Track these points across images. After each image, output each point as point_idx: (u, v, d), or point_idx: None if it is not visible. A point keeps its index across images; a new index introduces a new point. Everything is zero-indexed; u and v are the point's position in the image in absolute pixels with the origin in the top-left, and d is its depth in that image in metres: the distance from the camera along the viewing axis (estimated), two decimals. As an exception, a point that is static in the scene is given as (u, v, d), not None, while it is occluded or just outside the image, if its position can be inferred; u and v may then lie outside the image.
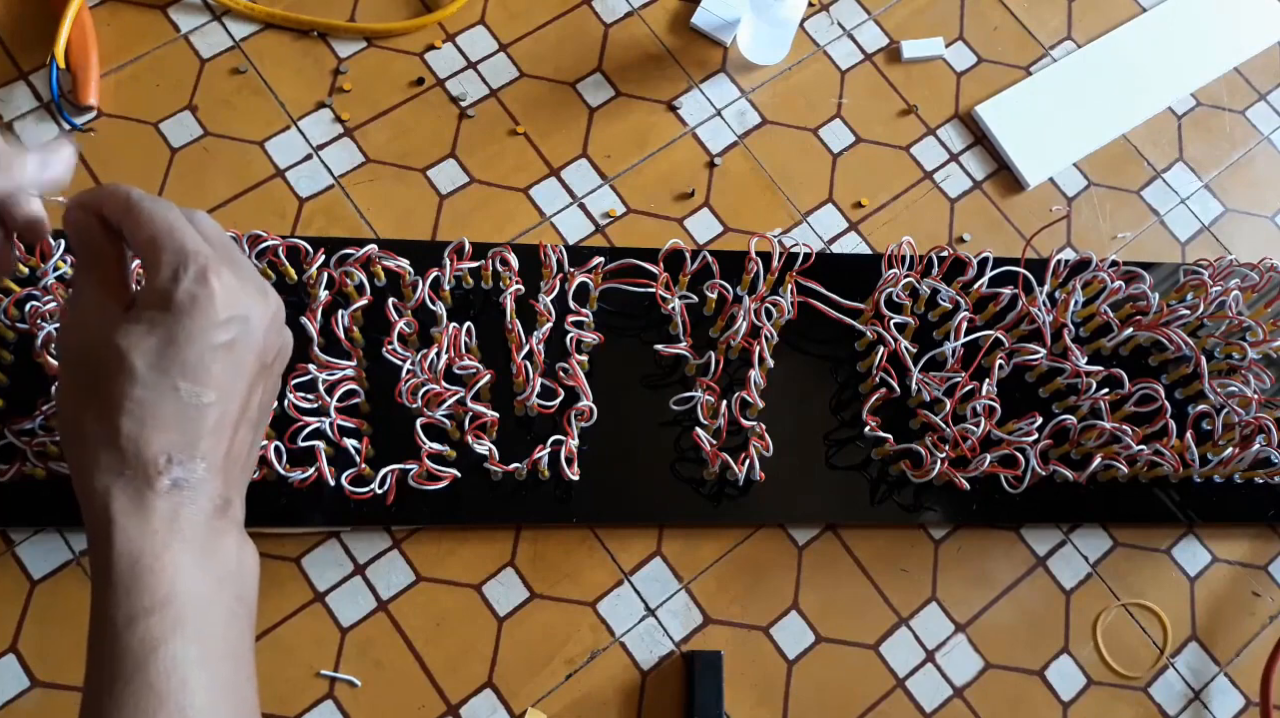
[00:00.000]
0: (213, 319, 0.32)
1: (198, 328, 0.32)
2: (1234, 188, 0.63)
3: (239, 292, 0.33)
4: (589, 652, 0.49)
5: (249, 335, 0.33)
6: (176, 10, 0.59)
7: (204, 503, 0.32)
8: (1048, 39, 0.66)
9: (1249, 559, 0.55)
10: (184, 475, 0.32)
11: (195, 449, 0.32)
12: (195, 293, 0.32)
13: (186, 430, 0.32)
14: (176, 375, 0.32)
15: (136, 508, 0.31)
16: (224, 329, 0.33)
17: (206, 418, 0.32)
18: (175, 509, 0.32)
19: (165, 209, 0.34)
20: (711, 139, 0.60)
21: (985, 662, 0.51)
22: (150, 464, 0.31)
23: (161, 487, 0.31)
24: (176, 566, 0.31)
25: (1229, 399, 0.53)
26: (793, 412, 0.53)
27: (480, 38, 0.61)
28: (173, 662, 0.30)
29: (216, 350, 0.33)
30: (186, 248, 0.33)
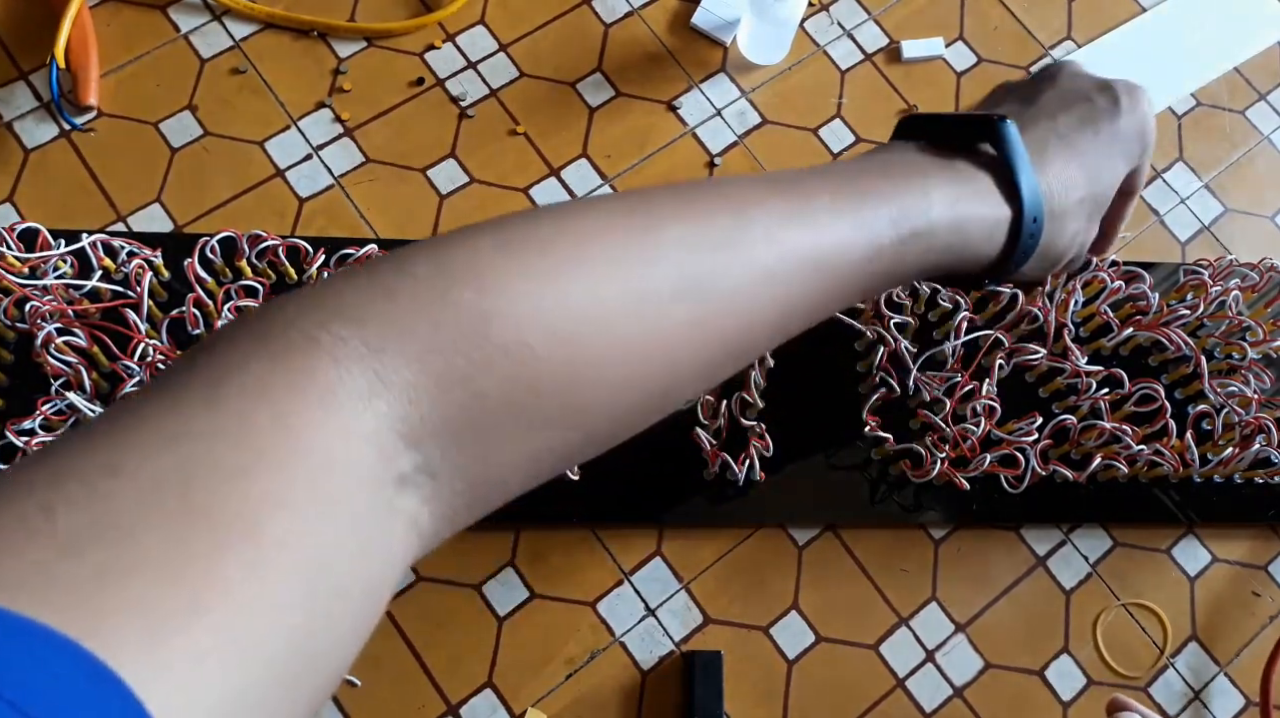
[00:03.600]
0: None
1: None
2: (1234, 188, 0.63)
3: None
4: (589, 652, 0.49)
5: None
6: (176, 10, 0.59)
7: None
8: (1048, 39, 0.66)
9: (1249, 559, 0.55)
10: None
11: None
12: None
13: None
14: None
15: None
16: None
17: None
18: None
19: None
20: (711, 139, 0.60)
21: (985, 662, 0.51)
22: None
23: None
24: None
25: (1229, 399, 0.53)
26: (793, 412, 0.53)
27: (480, 38, 0.61)
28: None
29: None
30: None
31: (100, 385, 0.48)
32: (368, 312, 0.24)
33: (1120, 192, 0.40)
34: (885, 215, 0.33)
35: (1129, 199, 0.41)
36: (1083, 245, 0.40)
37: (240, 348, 0.23)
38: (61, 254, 0.50)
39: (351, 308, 0.25)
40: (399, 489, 0.24)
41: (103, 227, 0.54)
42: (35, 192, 0.55)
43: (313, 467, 0.22)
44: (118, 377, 0.48)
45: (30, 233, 0.50)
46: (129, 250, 0.51)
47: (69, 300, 0.49)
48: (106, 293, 0.50)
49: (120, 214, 0.55)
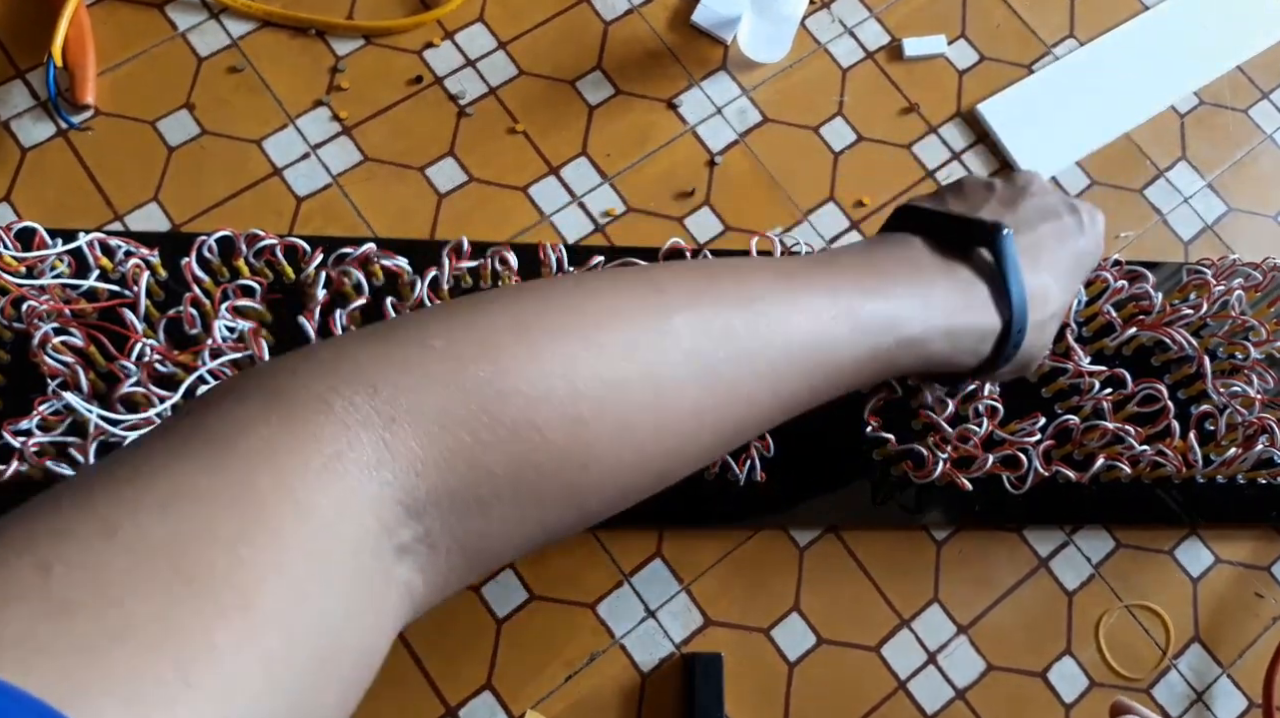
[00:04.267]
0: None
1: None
2: (1237, 187, 0.63)
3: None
4: (588, 654, 0.49)
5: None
6: (174, 8, 0.59)
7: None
8: (1050, 37, 0.65)
9: (1252, 560, 0.55)
10: None
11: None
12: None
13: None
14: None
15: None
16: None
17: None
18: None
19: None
20: (712, 137, 0.60)
21: (987, 663, 0.51)
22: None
23: None
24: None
25: (1232, 399, 0.53)
26: (793, 412, 0.53)
27: (479, 36, 0.61)
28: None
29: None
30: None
31: (97, 385, 0.48)
32: (381, 380, 0.25)
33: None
34: (885, 322, 0.34)
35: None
36: (1045, 354, 0.42)
37: (249, 407, 0.23)
38: (58, 253, 0.50)
39: (366, 374, 0.25)
40: (397, 558, 0.24)
41: (100, 226, 0.54)
42: (32, 191, 0.55)
43: (312, 534, 0.22)
44: (115, 377, 0.48)
45: (27, 232, 0.50)
46: (126, 250, 0.50)
47: (66, 300, 0.49)
48: (104, 292, 0.50)
49: (117, 213, 0.55)
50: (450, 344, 0.26)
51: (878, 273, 0.36)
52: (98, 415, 0.46)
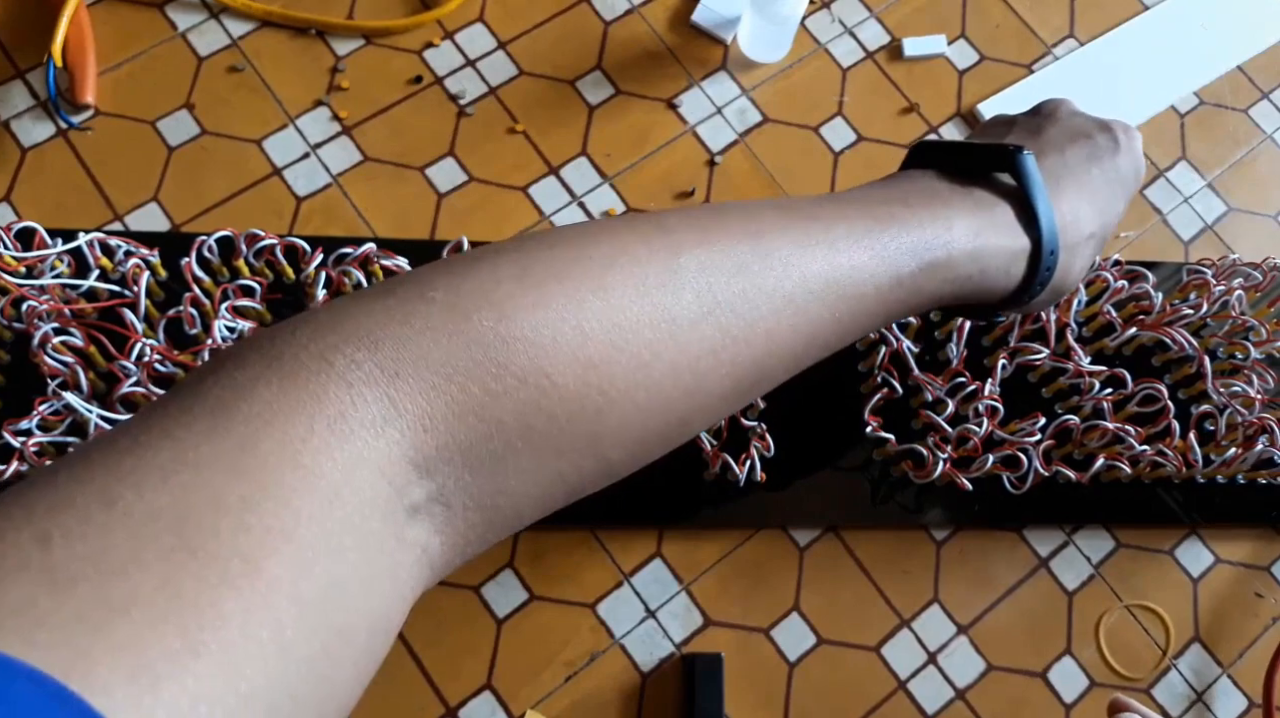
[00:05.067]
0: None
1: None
2: (1237, 187, 0.63)
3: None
4: (588, 654, 0.49)
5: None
6: (174, 8, 0.59)
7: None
8: (1050, 37, 0.65)
9: (1252, 560, 0.55)
10: None
11: None
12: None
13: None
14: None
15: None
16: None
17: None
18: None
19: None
20: (712, 137, 0.60)
21: (987, 663, 0.51)
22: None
23: None
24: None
25: (1232, 399, 0.53)
26: (794, 412, 0.53)
27: (479, 35, 0.61)
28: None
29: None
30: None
31: (97, 385, 0.48)
32: (383, 335, 0.24)
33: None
34: (906, 245, 0.33)
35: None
36: (1084, 278, 0.41)
37: (249, 370, 0.23)
38: (58, 253, 0.50)
39: (366, 330, 0.24)
40: (410, 519, 0.24)
41: (100, 226, 0.54)
42: (32, 190, 0.55)
43: (320, 498, 0.21)
44: (115, 377, 0.48)
45: (27, 232, 0.50)
46: (126, 249, 0.50)
47: (66, 300, 0.49)
48: (103, 292, 0.50)
49: (117, 213, 0.55)
50: (452, 295, 0.25)
51: (892, 201, 0.34)
52: (98, 415, 0.46)
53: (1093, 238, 0.39)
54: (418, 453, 0.24)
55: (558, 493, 0.28)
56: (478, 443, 0.25)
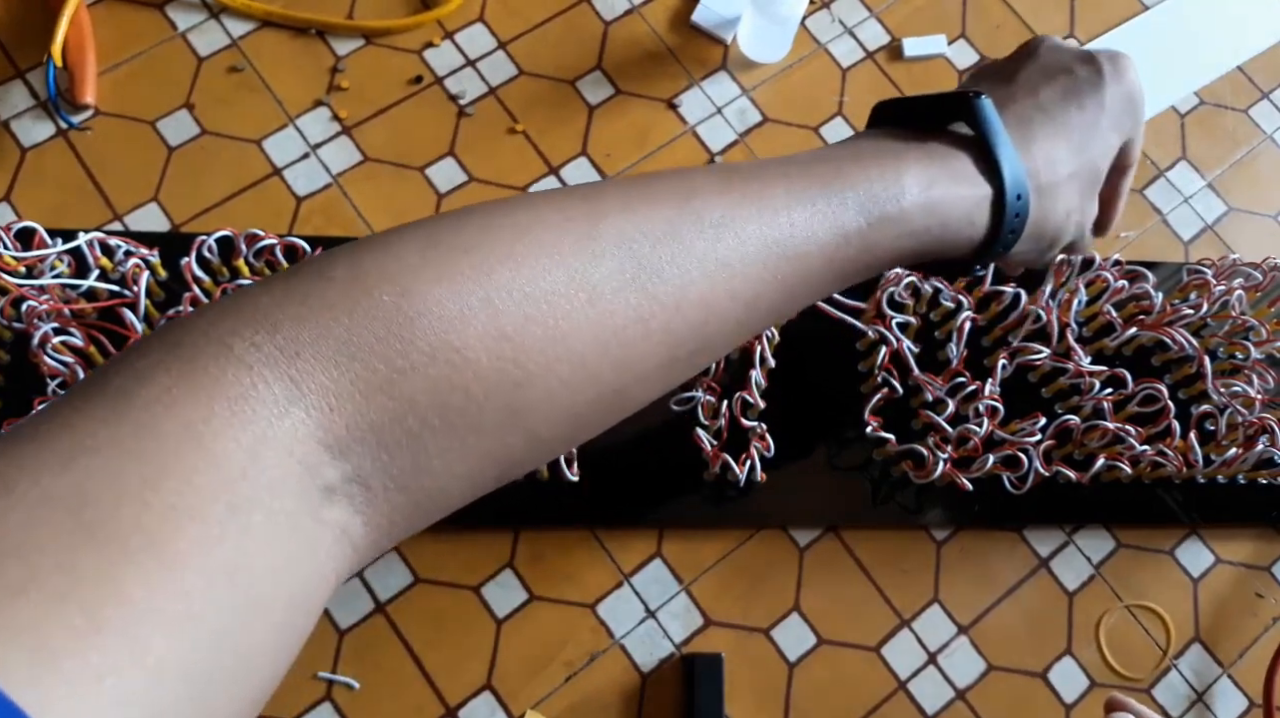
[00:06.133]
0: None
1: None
2: (1237, 187, 0.63)
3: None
4: (588, 654, 0.49)
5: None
6: (174, 8, 0.59)
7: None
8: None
9: (1252, 561, 0.55)
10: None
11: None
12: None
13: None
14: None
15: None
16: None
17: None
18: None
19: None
20: (712, 137, 0.60)
21: (988, 664, 0.51)
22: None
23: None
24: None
25: (1232, 399, 0.53)
26: (794, 412, 0.53)
27: (479, 35, 0.61)
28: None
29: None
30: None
31: (97, 386, 0.48)
32: (281, 316, 0.24)
33: (1115, 167, 0.39)
34: (852, 200, 0.32)
35: (1124, 174, 0.40)
36: (1080, 226, 0.38)
37: (150, 358, 0.23)
38: (58, 253, 0.50)
39: (265, 312, 0.24)
40: (326, 500, 0.24)
41: (100, 226, 0.54)
42: (32, 190, 0.55)
43: (224, 476, 0.21)
44: (114, 377, 0.48)
45: (27, 232, 0.50)
46: (126, 249, 0.50)
47: (66, 300, 0.49)
48: (103, 292, 0.49)
49: (117, 213, 0.55)
50: (353, 272, 0.25)
51: (839, 159, 0.33)
52: (97, 415, 0.46)
53: (1074, 177, 0.37)
54: (326, 433, 0.23)
55: (488, 472, 0.27)
56: (391, 422, 0.24)
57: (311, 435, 0.23)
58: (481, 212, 0.28)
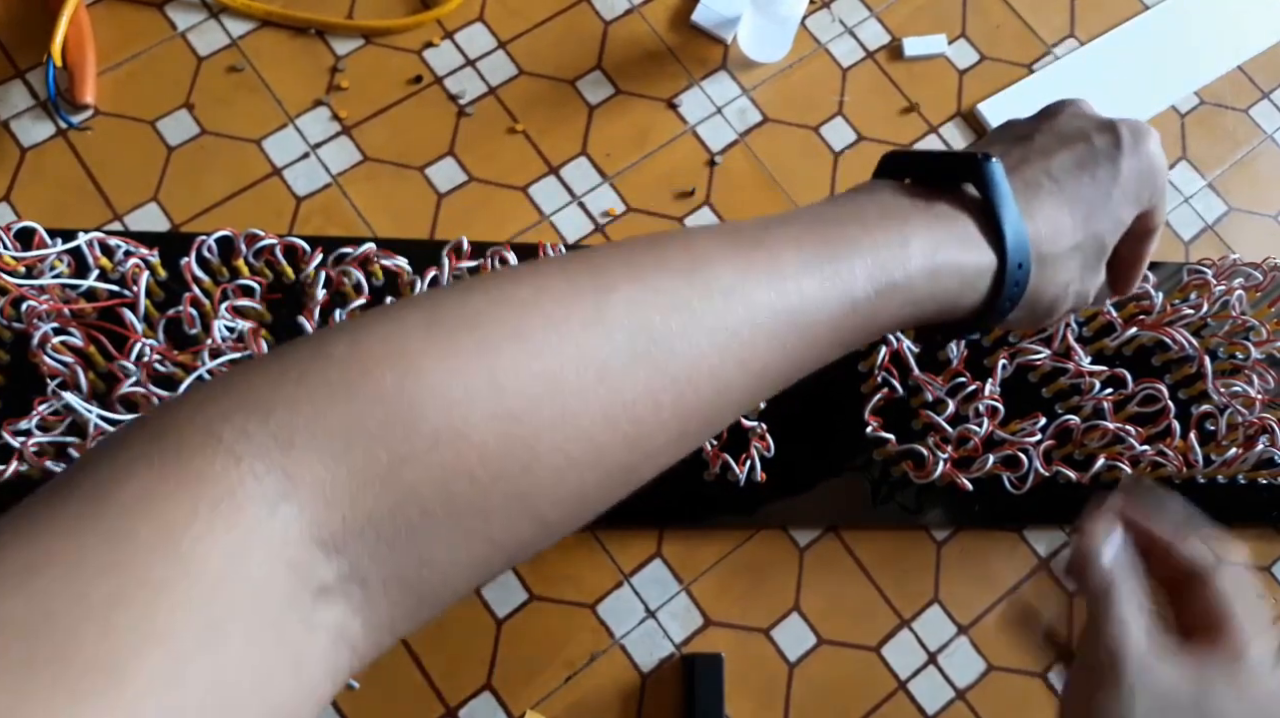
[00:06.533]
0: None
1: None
2: (1237, 187, 0.63)
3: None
4: (588, 654, 0.49)
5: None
6: (173, 8, 0.59)
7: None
8: (1050, 37, 0.65)
9: (1252, 560, 0.55)
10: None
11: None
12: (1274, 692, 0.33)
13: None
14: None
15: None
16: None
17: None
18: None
19: (1233, 585, 0.36)
20: (712, 137, 0.60)
21: (988, 664, 0.51)
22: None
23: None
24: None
25: (1233, 399, 0.53)
26: (794, 412, 0.52)
27: (479, 35, 0.61)
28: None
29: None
30: (1268, 648, 0.34)
31: (97, 385, 0.48)
32: (275, 400, 0.22)
33: (1135, 233, 0.38)
34: (860, 268, 0.31)
35: (1146, 241, 0.38)
36: (1080, 295, 0.37)
37: (131, 451, 0.21)
38: (58, 253, 0.50)
39: (258, 396, 0.22)
40: (319, 602, 0.22)
41: (99, 225, 0.54)
42: (32, 190, 0.55)
43: (200, 589, 0.20)
44: (114, 377, 0.48)
45: (27, 232, 0.50)
46: (126, 249, 0.50)
47: (65, 300, 0.49)
48: (103, 292, 0.49)
49: (117, 213, 0.55)
50: (353, 351, 0.23)
51: (845, 221, 0.32)
52: (97, 416, 0.46)
53: (1077, 249, 0.36)
54: (321, 529, 0.22)
55: (494, 561, 0.26)
56: (390, 513, 0.22)
57: (304, 533, 0.21)
58: (485, 285, 0.26)
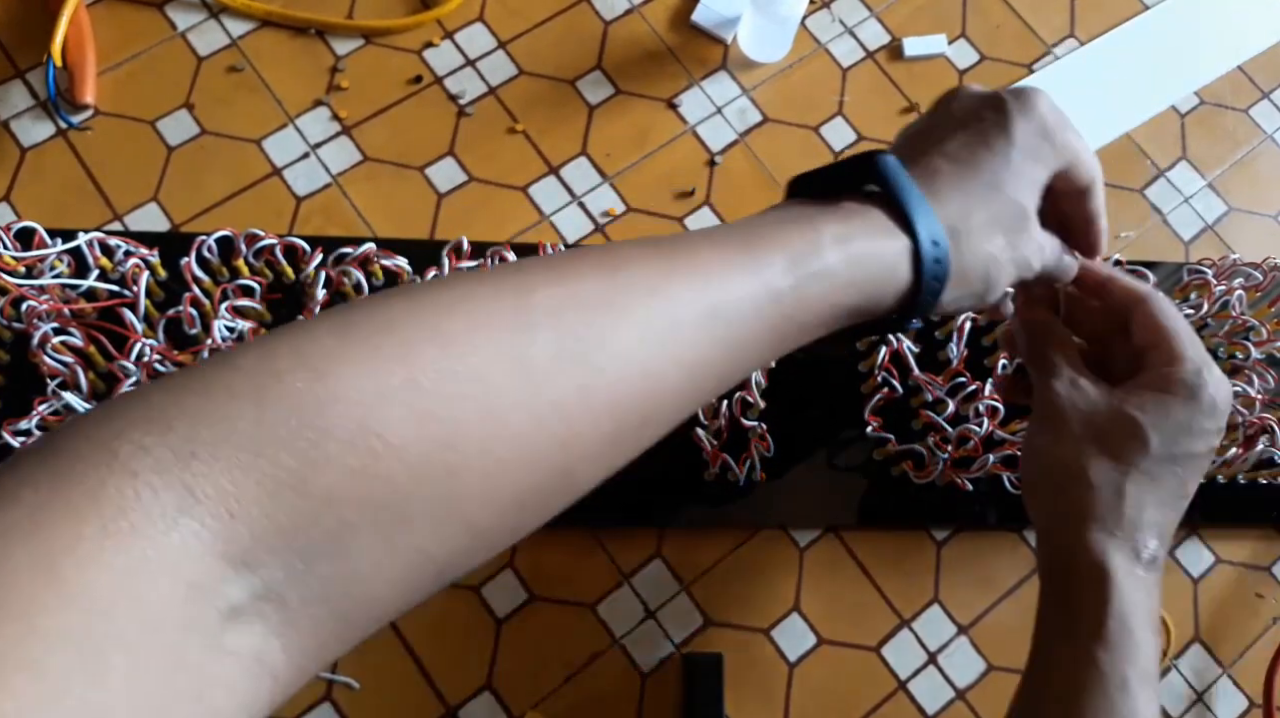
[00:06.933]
0: (1218, 426, 0.38)
1: (1211, 430, 0.38)
2: (1237, 187, 0.63)
3: (1223, 418, 0.38)
4: (588, 654, 0.49)
5: (1214, 448, 0.39)
6: (173, 8, 0.59)
7: (1158, 582, 0.37)
8: (1050, 37, 0.65)
9: (1252, 561, 0.55)
10: (1157, 554, 0.37)
11: (1166, 532, 0.38)
12: (1215, 398, 0.37)
13: (1167, 514, 0.38)
14: (1180, 462, 0.37)
15: (1129, 573, 0.36)
16: (1218, 437, 0.38)
17: (1180, 509, 0.38)
18: (1151, 583, 0.37)
19: (1171, 307, 0.39)
20: (712, 137, 0.60)
21: (988, 664, 0.51)
22: (1141, 534, 0.37)
23: (1144, 558, 0.37)
24: (1149, 640, 0.36)
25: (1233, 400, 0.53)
26: (794, 412, 0.53)
27: (479, 35, 0.61)
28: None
29: (1207, 456, 0.38)
30: (1203, 355, 0.38)
31: (97, 385, 0.48)
32: (178, 413, 0.21)
33: (1070, 193, 0.38)
34: (778, 261, 0.31)
35: (1086, 198, 0.39)
36: (1020, 262, 0.37)
37: (19, 474, 0.20)
38: (58, 253, 0.50)
39: (160, 410, 0.21)
40: (230, 624, 0.20)
41: (99, 225, 0.54)
42: (32, 190, 0.55)
43: (80, 617, 0.18)
44: (114, 377, 0.48)
45: (27, 232, 0.50)
46: (126, 249, 0.50)
47: (65, 300, 0.49)
48: (103, 292, 0.49)
49: (117, 213, 0.55)
50: (261, 360, 0.22)
51: (757, 226, 0.33)
52: (97, 415, 0.46)
53: (994, 219, 0.36)
54: (228, 544, 0.20)
55: (424, 572, 0.24)
56: (305, 524, 0.21)
57: (209, 549, 0.20)
58: (404, 292, 0.26)
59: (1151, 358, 0.38)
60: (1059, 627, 0.38)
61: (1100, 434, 0.38)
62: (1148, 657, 0.36)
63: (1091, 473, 0.37)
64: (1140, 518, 0.37)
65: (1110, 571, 0.36)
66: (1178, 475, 0.38)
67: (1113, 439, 0.37)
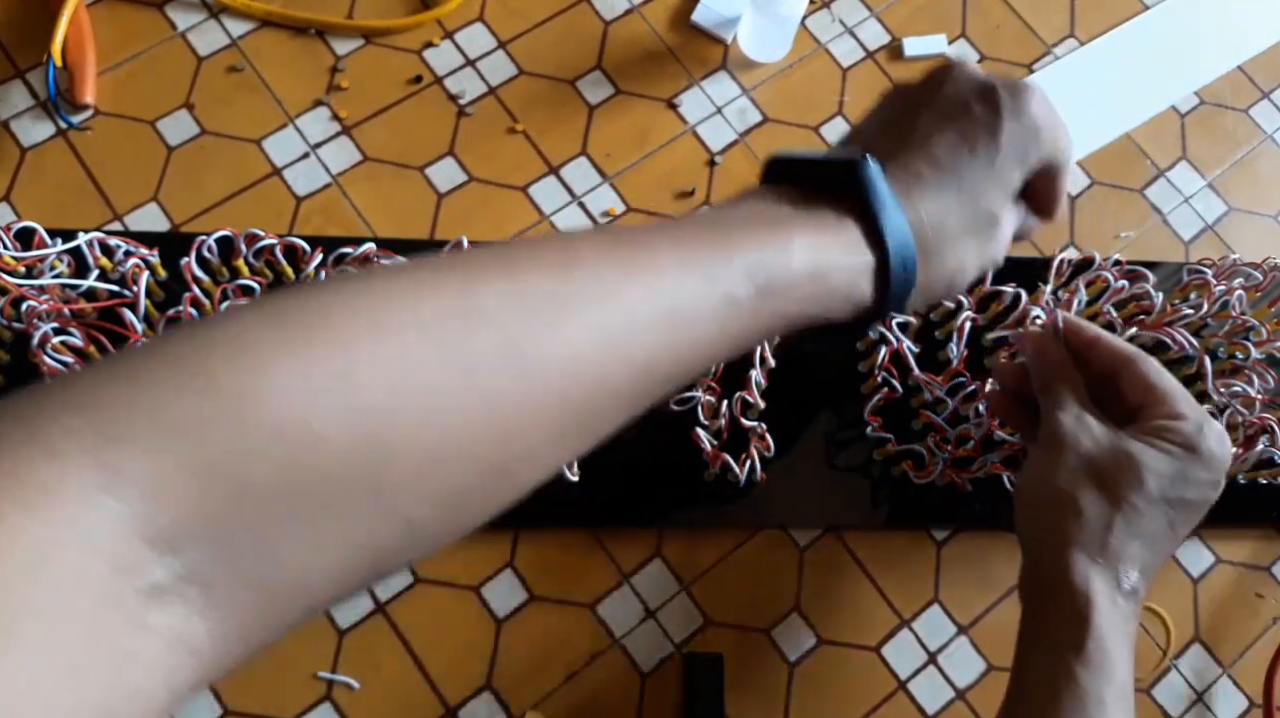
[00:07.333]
0: (1215, 479, 0.40)
1: (1207, 481, 0.40)
2: (1237, 187, 0.63)
3: (1221, 472, 0.40)
4: (588, 654, 0.49)
5: (1211, 500, 0.41)
6: (173, 8, 0.59)
7: (1136, 613, 0.39)
8: (1050, 37, 0.65)
9: (1252, 561, 0.55)
10: (1138, 587, 0.39)
11: (1149, 568, 0.39)
12: (1214, 452, 0.40)
13: (1152, 551, 0.39)
14: (1172, 506, 0.39)
15: (1110, 598, 0.38)
16: (1216, 490, 0.40)
17: (1167, 551, 0.40)
18: (1129, 612, 0.39)
19: (1158, 367, 0.42)
20: (712, 137, 0.60)
21: (988, 664, 0.51)
22: (1124, 565, 0.38)
23: (1124, 588, 0.38)
24: (1125, 663, 0.38)
25: (1233, 400, 0.53)
26: (794, 412, 0.53)
27: (479, 35, 0.61)
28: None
29: (1202, 506, 0.40)
30: (1201, 412, 0.41)
31: (96, 386, 0.48)
32: (106, 396, 0.21)
33: (1044, 176, 0.38)
34: (740, 267, 0.31)
35: (1056, 178, 0.39)
36: (983, 265, 0.37)
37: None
38: (58, 253, 0.50)
39: (89, 393, 0.21)
40: (152, 603, 0.21)
41: (99, 225, 0.54)
42: (32, 190, 0.55)
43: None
44: (114, 377, 0.48)
45: (27, 232, 0.50)
46: (126, 249, 0.50)
47: (65, 300, 0.49)
48: (103, 292, 0.49)
49: (117, 213, 0.55)
50: (191, 348, 0.22)
51: (729, 224, 0.32)
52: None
53: (966, 231, 0.36)
54: (149, 525, 0.20)
55: (358, 562, 0.24)
56: (229, 509, 0.21)
57: (130, 529, 0.20)
58: (345, 282, 0.25)
59: (1153, 408, 0.41)
60: (1039, 644, 0.39)
61: (1098, 469, 0.39)
62: (1123, 679, 0.37)
63: (1083, 502, 0.39)
64: (1124, 550, 0.38)
65: (1091, 594, 0.38)
66: (1168, 517, 0.39)
67: (1109, 475, 0.39)
